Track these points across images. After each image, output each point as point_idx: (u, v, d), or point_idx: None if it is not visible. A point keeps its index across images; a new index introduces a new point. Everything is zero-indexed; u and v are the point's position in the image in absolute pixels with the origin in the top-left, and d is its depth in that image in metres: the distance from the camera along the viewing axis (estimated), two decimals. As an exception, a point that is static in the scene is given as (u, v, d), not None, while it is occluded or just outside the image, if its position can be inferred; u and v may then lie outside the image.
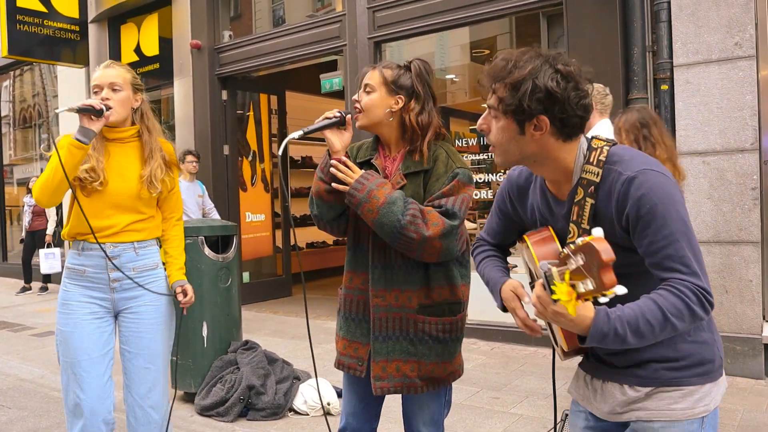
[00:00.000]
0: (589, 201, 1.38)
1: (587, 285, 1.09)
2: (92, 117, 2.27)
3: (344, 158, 2.01)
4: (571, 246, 1.12)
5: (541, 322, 1.52)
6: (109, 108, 2.35)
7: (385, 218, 1.89)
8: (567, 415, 2.77)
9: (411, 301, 2.01)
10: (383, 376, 2.02)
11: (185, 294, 2.59)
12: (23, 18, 8.62)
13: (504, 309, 1.63)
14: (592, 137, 1.45)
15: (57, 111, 2.26)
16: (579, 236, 1.38)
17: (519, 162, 1.47)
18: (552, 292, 1.17)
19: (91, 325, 2.45)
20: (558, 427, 2.78)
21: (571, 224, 1.42)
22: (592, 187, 1.38)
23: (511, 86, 1.35)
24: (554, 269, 1.13)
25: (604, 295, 1.10)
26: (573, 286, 1.10)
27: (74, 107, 2.24)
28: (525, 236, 1.53)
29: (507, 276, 1.66)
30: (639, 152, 1.41)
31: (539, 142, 1.39)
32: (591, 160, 1.40)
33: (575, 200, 1.41)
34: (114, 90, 2.41)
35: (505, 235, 1.78)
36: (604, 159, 1.38)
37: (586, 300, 1.12)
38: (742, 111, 4.23)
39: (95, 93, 2.42)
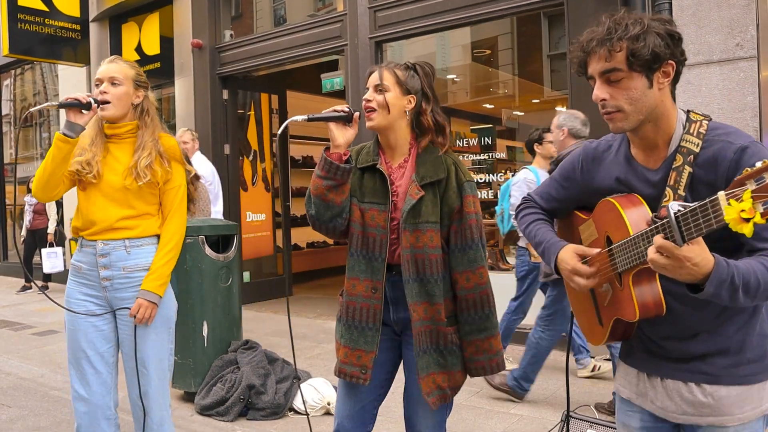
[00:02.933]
0: (687, 169, 1.42)
1: None
2: (82, 111, 2.26)
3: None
4: (747, 171, 1.12)
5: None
6: (106, 102, 2.35)
7: None
8: (568, 416, 2.77)
9: (440, 313, 2.02)
10: (429, 391, 2.02)
11: (140, 307, 2.40)
12: (24, 17, 8.62)
13: (557, 271, 1.64)
14: (689, 111, 1.50)
15: (32, 110, 2.30)
16: (673, 200, 1.41)
17: (642, 122, 1.46)
18: (682, 237, 1.20)
19: (88, 323, 2.45)
20: (559, 428, 2.77)
21: (668, 188, 1.44)
22: (692, 156, 1.42)
23: (636, 39, 1.38)
24: (721, 193, 1.13)
25: None
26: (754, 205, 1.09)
27: (55, 103, 2.26)
28: (610, 199, 1.51)
29: (564, 241, 1.66)
30: (735, 127, 1.47)
31: (662, 95, 1.45)
32: (691, 131, 1.45)
33: (673, 167, 1.44)
34: (113, 84, 2.41)
35: (561, 203, 1.77)
36: (704, 131, 1.43)
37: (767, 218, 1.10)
38: (744, 112, 4.23)
39: (96, 86, 2.42)
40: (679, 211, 1.21)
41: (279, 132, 2.10)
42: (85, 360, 2.43)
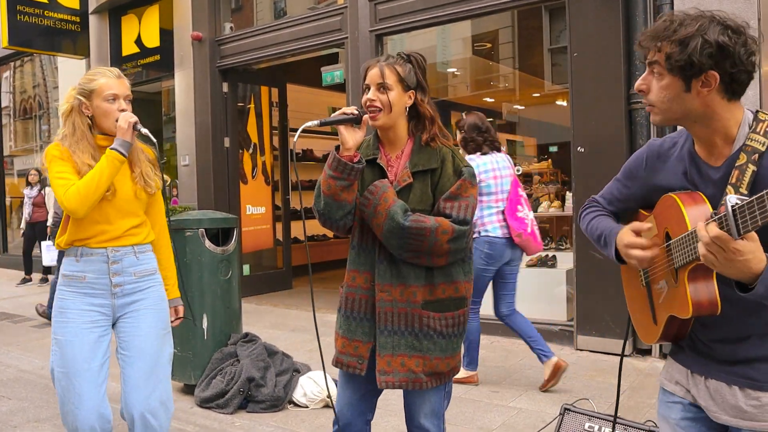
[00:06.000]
0: (751, 167, 1.39)
1: None
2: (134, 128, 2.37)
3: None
4: None
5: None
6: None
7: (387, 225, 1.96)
8: (566, 410, 2.78)
9: (416, 296, 2.03)
10: (388, 371, 2.04)
11: (177, 313, 2.70)
12: (24, 9, 8.60)
13: (618, 258, 1.61)
14: (757, 110, 1.47)
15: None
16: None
17: (679, 121, 1.46)
18: (737, 230, 1.19)
19: (91, 335, 2.39)
20: (557, 421, 2.78)
21: (729, 186, 1.41)
22: (756, 155, 1.39)
23: (678, 42, 1.36)
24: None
25: None
26: None
27: (142, 130, 2.38)
28: (672, 195, 1.48)
29: (622, 225, 1.63)
30: None
31: (705, 100, 1.41)
32: (758, 129, 1.42)
33: (736, 164, 1.41)
34: (129, 102, 2.46)
35: (624, 203, 1.74)
36: None
37: None
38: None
39: (109, 101, 2.40)
40: (736, 203, 1.20)
41: (295, 139, 2.11)
42: (85, 372, 2.37)
